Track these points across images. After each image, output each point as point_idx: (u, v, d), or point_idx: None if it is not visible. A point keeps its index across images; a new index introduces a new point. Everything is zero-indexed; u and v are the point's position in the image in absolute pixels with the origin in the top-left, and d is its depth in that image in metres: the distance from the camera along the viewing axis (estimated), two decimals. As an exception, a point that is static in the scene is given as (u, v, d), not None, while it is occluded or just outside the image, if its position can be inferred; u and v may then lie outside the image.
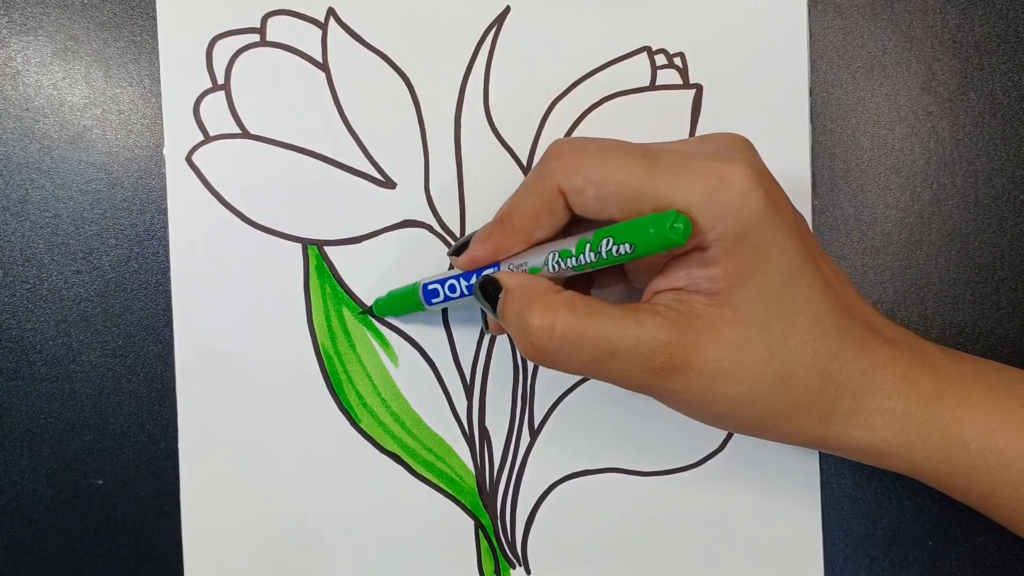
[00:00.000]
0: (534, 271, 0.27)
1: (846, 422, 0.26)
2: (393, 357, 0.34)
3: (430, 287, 0.30)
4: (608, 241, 0.24)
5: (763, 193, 0.24)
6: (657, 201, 0.24)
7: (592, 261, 0.25)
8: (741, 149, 0.26)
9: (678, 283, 0.25)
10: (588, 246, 0.25)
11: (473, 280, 0.29)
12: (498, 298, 0.27)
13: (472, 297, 0.29)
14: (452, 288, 0.30)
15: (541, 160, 0.26)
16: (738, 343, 0.25)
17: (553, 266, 0.26)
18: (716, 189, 0.24)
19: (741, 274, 0.24)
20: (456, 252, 0.30)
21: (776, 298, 0.25)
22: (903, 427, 0.27)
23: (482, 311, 0.31)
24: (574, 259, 0.25)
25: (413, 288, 0.31)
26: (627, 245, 0.24)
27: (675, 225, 0.23)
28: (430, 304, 0.30)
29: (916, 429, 0.27)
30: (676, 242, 0.23)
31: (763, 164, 0.26)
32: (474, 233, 0.29)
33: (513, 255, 0.28)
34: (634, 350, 0.25)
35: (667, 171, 0.24)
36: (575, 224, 0.27)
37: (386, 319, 0.34)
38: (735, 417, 0.26)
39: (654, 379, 0.25)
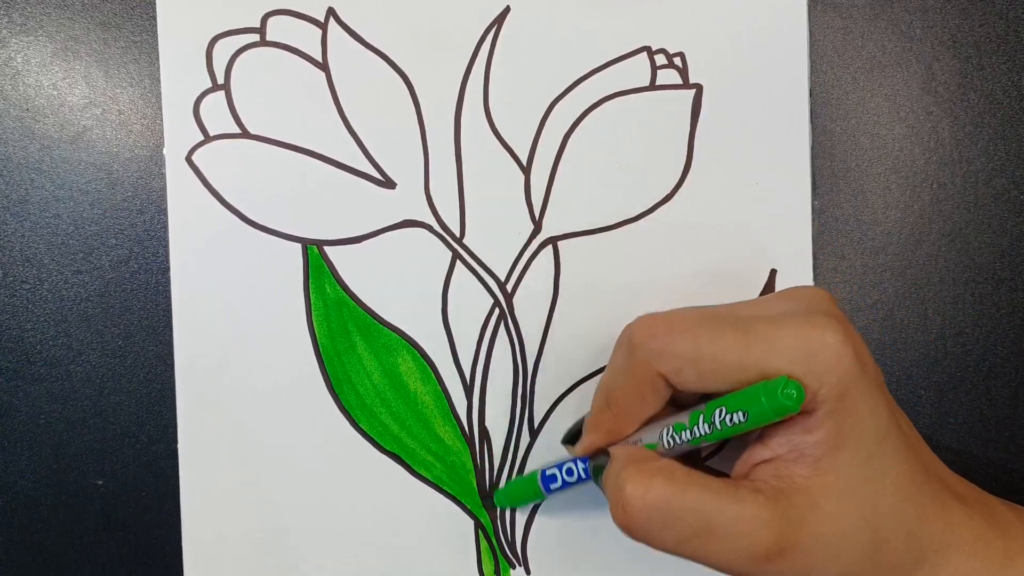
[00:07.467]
0: (650, 447, 0.26)
1: None
2: (394, 357, 0.34)
3: (548, 473, 0.30)
4: (721, 411, 0.24)
5: (853, 350, 0.24)
6: (760, 369, 0.24)
7: (706, 433, 0.24)
8: (826, 305, 0.25)
9: (779, 450, 0.25)
10: (701, 417, 0.24)
11: (589, 463, 0.29)
12: None
13: (590, 480, 0.29)
14: (570, 472, 0.29)
15: (630, 342, 0.26)
16: (835, 514, 0.24)
17: (667, 441, 0.26)
18: (815, 352, 0.23)
19: (840, 436, 0.24)
20: (569, 440, 0.30)
21: (867, 460, 0.24)
22: None
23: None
24: (688, 432, 0.25)
25: (532, 477, 0.31)
26: (740, 414, 0.23)
27: (787, 391, 0.22)
28: (549, 491, 0.30)
29: None
30: (790, 408, 0.23)
31: (846, 318, 0.25)
32: (583, 419, 0.29)
33: (628, 436, 0.27)
34: (735, 529, 0.24)
35: (763, 338, 0.24)
36: (682, 395, 0.27)
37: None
38: None
39: (757, 566, 0.24)
